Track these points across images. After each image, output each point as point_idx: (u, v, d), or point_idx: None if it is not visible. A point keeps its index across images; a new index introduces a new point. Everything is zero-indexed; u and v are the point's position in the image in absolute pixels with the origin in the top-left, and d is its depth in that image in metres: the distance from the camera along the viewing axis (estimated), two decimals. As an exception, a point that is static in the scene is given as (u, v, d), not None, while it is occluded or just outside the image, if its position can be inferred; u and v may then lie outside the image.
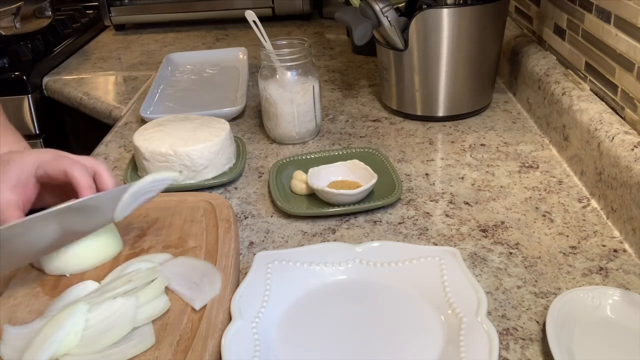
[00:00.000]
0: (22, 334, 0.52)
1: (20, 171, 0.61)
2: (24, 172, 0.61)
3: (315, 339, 0.55)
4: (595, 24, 0.81)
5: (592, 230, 0.70)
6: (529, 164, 0.85)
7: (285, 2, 1.60)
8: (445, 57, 0.94)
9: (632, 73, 0.72)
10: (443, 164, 0.87)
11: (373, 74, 1.23)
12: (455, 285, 0.58)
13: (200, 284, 0.58)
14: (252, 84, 1.18)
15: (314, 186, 0.76)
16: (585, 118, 0.78)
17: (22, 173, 0.61)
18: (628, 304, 0.56)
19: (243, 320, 0.54)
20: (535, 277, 0.63)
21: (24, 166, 0.62)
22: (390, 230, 0.72)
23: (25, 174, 0.62)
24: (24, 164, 0.62)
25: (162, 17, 1.67)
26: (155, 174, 0.64)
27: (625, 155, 0.68)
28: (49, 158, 0.62)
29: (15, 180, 0.61)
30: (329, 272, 0.63)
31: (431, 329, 0.55)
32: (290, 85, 0.90)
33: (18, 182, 0.61)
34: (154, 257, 0.62)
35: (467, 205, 0.76)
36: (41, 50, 1.42)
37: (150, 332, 0.53)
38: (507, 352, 0.54)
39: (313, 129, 0.95)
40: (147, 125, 0.87)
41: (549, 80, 0.91)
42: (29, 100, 1.30)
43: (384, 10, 0.91)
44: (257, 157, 0.92)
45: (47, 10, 1.45)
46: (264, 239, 0.72)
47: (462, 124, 0.98)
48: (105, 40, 1.64)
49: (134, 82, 1.30)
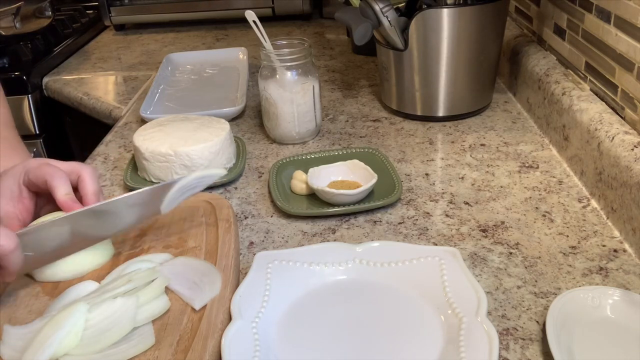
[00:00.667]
0: (22, 334, 0.52)
1: (12, 182, 0.62)
2: (15, 183, 0.62)
3: (315, 339, 0.55)
4: (595, 24, 0.81)
5: (592, 230, 0.70)
6: (529, 164, 0.85)
7: (285, 2, 1.60)
8: (445, 57, 0.94)
9: (632, 73, 0.72)
10: (443, 164, 0.87)
11: (373, 74, 1.23)
12: (455, 285, 0.58)
13: (200, 284, 0.58)
14: (252, 84, 1.18)
15: (314, 186, 0.76)
16: (585, 118, 0.78)
17: (13, 184, 0.62)
18: (628, 304, 0.56)
19: (243, 320, 0.54)
20: (535, 277, 0.63)
21: (15, 177, 0.62)
22: (390, 230, 0.72)
23: (16, 185, 0.62)
24: (14, 175, 0.62)
25: (162, 17, 1.67)
26: (203, 170, 0.65)
27: (625, 155, 0.68)
28: (34, 165, 0.62)
29: (9, 192, 0.61)
30: (329, 272, 0.63)
31: (431, 329, 0.55)
32: (290, 85, 0.90)
33: (12, 194, 0.61)
34: (154, 257, 0.62)
35: (467, 205, 0.77)
36: (41, 50, 1.42)
37: (150, 332, 0.53)
38: (507, 352, 0.54)
39: (313, 129, 0.95)
40: (147, 125, 0.87)
41: (549, 80, 0.91)
42: (29, 100, 1.30)
43: (384, 10, 0.91)
44: (257, 157, 0.92)
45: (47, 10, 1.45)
46: (264, 239, 0.72)
47: (462, 124, 0.98)
48: (105, 40, 1.64)
49: (134, 82, 1.30)
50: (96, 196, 0.63)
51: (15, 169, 0.63)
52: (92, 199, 0.62)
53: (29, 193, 0.63)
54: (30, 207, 0.63)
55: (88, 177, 0.63)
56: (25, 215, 0.62)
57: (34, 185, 0.62)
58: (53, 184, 0.60)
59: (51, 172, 0.61)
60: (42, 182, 0.61)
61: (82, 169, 0.63)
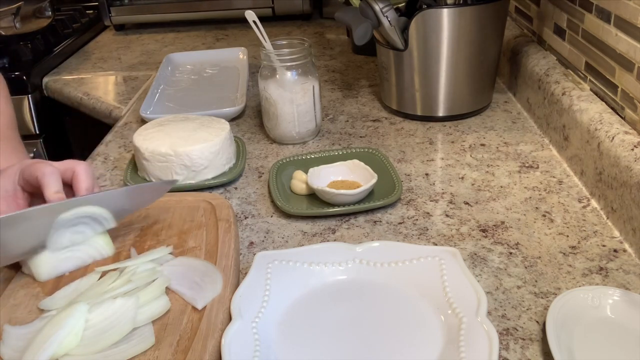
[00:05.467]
0: (22, 334, 0.52)
1: (7, 182, 0.62)
2: (10, 183, 0.62)
3: (315, 339, 0.55)
4: (595, 24, 0.81)
5: (592, 230, 0.70)
6: (529, 164, 0.85)
7: (285, 2, 1.60)
8: (445, 57, 0.94)
9: (632, 73, 0.72)
10: (443, 164, 0.87)
11: (373, 74, 1.23)
12: (455, 285, 0.58)
13: (201, 283, 0.58)
14: (252, 84, 1.18)
15: (314, 186, 0.76)
16: (585, 118, 0.78)
17: (8, 184, 0.62)
18: (628, 304, 0.56)
19: (243, 320, 0.54)
20: (535, 277, 0.63)
21: (10, 177, 0.62)
22: (390, 230, 0.72)
23: (11, 184, 0.62)
24: (9, 175, 0.63)
25: (162, 17, 1.67)
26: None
27: (625, 155, 0.68)
28: (27, 164, 0.62)
29: (4, 192, 0.61)
30: (329, 272, 0.63)
31: (431, 328, 0.55)
32: (290, 85, 0.90)
33: (6, 193, 0.62)
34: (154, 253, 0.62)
35: (467, 205, 0.77)
36: (41, 50, 1.42)
37: (150, 332, 0.53)
38: (507, 352, 0.54)
39: (313, 129, 0.95)
40: (147, 125, 0.87)
41: (549, 80, 0.91)
42: (29, 100, 1.30)
43: (384, 10, 0.91)
44: (257, 157, 0.92)
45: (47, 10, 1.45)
46: (264, 239, 0.72)
47: (462, 124, 0.98)
48: (105, 40, 1.64)
49: (134, 82, 1.30)
50: (89, 192, 0.62)
51: (11, 169, 0.63)
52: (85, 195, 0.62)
53: (23, 193, 0.63)
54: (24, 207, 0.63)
55: (82, 173, 0.62)
56: None
57: (29, 185, 0.62)
58: (44, 182, 0.60)
59: (43, 169, 0.61)
60: (34, 180, 0.61)
61: (76, 165, 0.63)
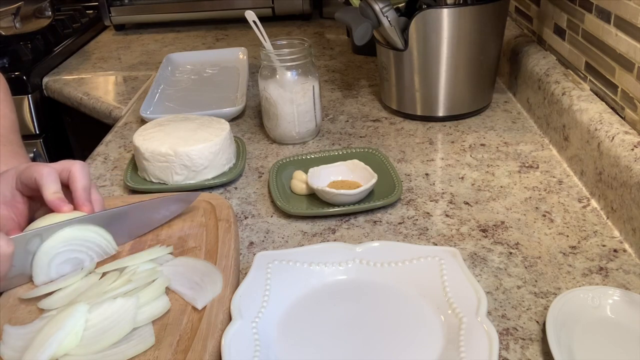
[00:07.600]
0: (22, 334, 0.52)
1: (4, 187, 0.62)
2: (7, 187, 0.62)
3: (316, 339, 0.55)
4: (595, 24, 0.81)
5: (592, 230, 0.70)
6: (529, 164, 0.85)
7: (285, 2, 1.60)
8: (445, 57, 0.94)
9: (632, 73, 0.72)
10: (443, 164, 0.87)
11: (373, 74, 1.23)
12: (455, 285, 0.58)
13: (201, 283, 0.58)
14: (252, 84, 1.18)
15: (314, 186, 0.76)
16: (585, 118, 0.78)
17: (6, 189, 0.62)
18: (628, 304, 0.56)
19: (243, 320, 0.54)
20: (535, 277, 0.63)
21: (7, 181, 0.62)
22: (390, 230, 0.72)
23: (9, 189, 0.62)
24: (7, 179, 0.62)
25: (162, 17, 1.67)
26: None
27: (625, 155, 0.68)
28: (23, 168, 0.62)
29: (1, 197, 0.61)
30: (329, 272, 0.63)
31: (431, 329, 0.55)
32: (290, 85, 0.90)
33: (4, 198, 0.61)
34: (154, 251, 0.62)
35: (467, 205, 0.76)
36: (41, 50, 1.42)
37: (150, 332, 0.53)
38: (507, 352, 0.54)
39: (313, 129, 0.95)
40: (147, 125, 0.87)
41: (549, 80, 0.91)
42: (29, 100, 1.30)
43: (384, 10, 0.91)
44: (257, 157, 0.92)
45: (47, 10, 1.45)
46: (264, 239, 0.72)
47: (462, 124, 0.98)
48: (105, 40, 1.64)
49: (134, 82, 1.30)
50: (86, 191, 0.62)
51: (8, 173, 0.63)
52: (82, 194, 0.62)
53: (22, 197, 0.63)
54: (24, 212, 0.63)
55: (78, 173, 0.62)
56: (20, 219, 0.62)
57: (27, 188, 0.62)
58: (42, 183, 0.60)
59: (40, 170, 0.61)
60: (32, 182, 0.61)
61: (72, 165, 0.63)
